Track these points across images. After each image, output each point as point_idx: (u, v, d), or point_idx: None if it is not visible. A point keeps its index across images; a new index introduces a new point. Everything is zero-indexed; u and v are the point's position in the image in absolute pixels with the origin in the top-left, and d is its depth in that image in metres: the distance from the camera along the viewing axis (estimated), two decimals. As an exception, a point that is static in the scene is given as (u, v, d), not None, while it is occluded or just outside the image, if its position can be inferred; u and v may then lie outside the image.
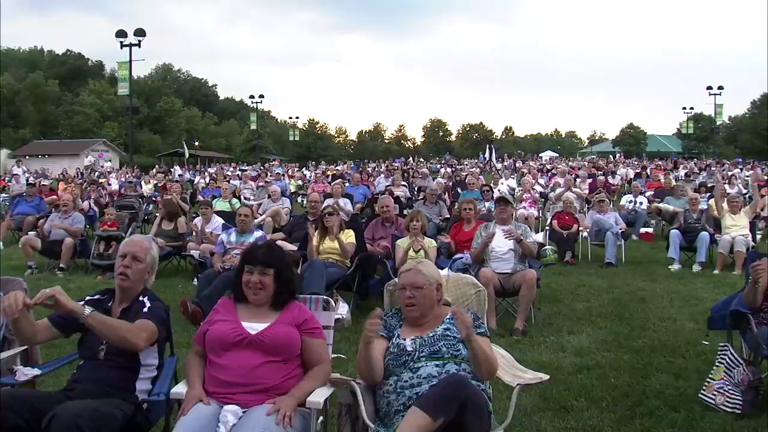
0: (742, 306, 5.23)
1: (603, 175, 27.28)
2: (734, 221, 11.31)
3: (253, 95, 69.05)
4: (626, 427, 4.72)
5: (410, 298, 3.80)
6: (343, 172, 33.81)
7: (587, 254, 12.59)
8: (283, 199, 15.86)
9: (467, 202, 9.23)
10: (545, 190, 20.01)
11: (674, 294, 9.26)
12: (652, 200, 17.17)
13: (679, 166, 39.29)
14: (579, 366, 6.06)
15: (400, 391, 3.56)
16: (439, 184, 18.84)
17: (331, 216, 8.45)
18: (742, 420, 4.74)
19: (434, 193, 13.99)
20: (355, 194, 17.11)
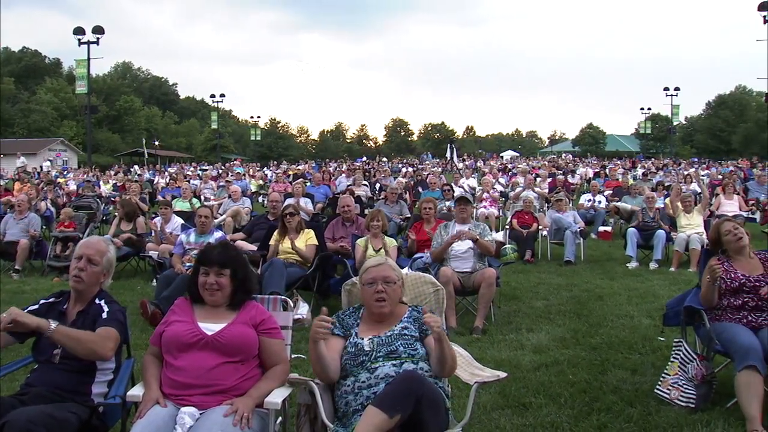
0: (696, 302, 5.33)
1: (563, 174, 27.54)
2: (689, 220, 11.52)
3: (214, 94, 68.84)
4: (584, 422, 4.76)
5: (381, 293, 3.79)
6: (305, 172, 33.69)
7: (547, 253, 12.69)
8: (243, 199, 15.77)
9: (427, 202, 9.26)
10: (506, 190, 20.14)
11: (631, 291, 9.39)
12: (610, 199, 17.38)
13: (637, 166, 39.83)
14: (538, 363, 6.11)
15: (358, 391, 3.56)
16: (400, 184, 18.87)
17: (292, 216, 8.42)
18: (695, 414, 4.83)
19: (395, 192, 14.01)
20: (316, 194, 17.04)
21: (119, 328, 3.74)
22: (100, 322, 3.69)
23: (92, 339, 3.58)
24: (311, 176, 23.86)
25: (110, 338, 3.65)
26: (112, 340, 3.65)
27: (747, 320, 5.05)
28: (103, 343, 3.60)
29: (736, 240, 5.30)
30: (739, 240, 5.29)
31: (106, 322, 3.70)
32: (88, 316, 3.75)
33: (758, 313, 5.07)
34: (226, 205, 15.11)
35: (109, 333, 3.66)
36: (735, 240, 5.30)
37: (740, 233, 5.33)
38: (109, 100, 77.42)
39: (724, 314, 5.17)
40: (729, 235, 5.33)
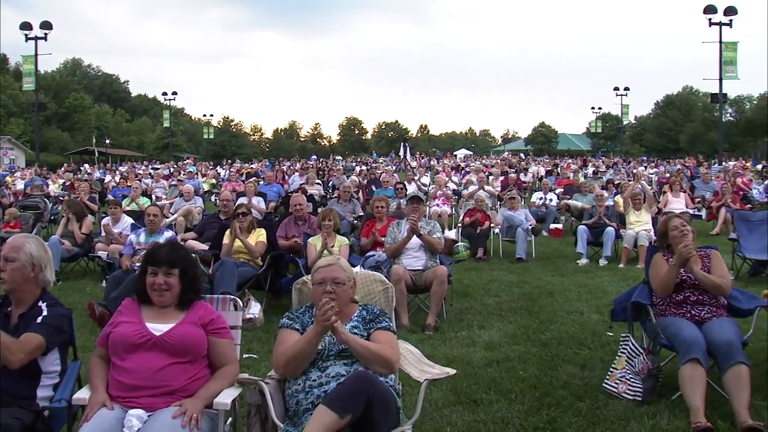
0: (643, 298, 5.44)
1: (515, 172, 27.80)
2: (637, 217, 11.76)
3: (166, 92, 67.58)
4: (534, 417, 4.81)
5: (330, 293, 3.77)
6: (258, 171, 33.48)
7: (499, 250, 12.81)
8: (195, 198, 15.63)
9: (379, 200, 9.26)
10: (459, 188, 20.26)
11: (581, 287, 9.52)
12: (561, 197, 17.59)
13: (589, 164, 40.37)
14: (489, 360, 6.16)
15: (309, 390, 3.54)
16: (353, 182, 18.87)
17: (244, 216, 8.36)
18: (642, 407, 4.91)
19: (348, 191, 14.01)
20: (268, 193, 16.95)
21: (54, 332, 3.64)
22: (32, 327, 3.58)
23: (7, 345, 3.44)
24: (264, 175, 23.72)
25: (28, 344, 3.51)
26: (29, 347, 3.51)
27: (690, 315, 5.17)
28: (17, 349, 3.46)
29: (681, 236, 5.40)
30: (684, 236, 5.40)
31: (35, 327, 3.58)
32: (28, 319, 3.65)
33: (700, 307, 5.19)
34: (177, 205, 14.97)
35: (30, 340, 3.52)
36: (680, 236, 5.40)
37: (686, 231, 5.44)
38: (58, 97, 75.85)
39: (668, 309, 5.29)
40: (675, 230, 5.44)
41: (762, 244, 10.19)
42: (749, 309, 5.37)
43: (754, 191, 20.80)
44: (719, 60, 40.63)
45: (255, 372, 5.33)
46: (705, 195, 18.29)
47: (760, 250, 10.14)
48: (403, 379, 4.18)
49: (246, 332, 6.92)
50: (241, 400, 3.82)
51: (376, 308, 4.00)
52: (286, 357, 3.65)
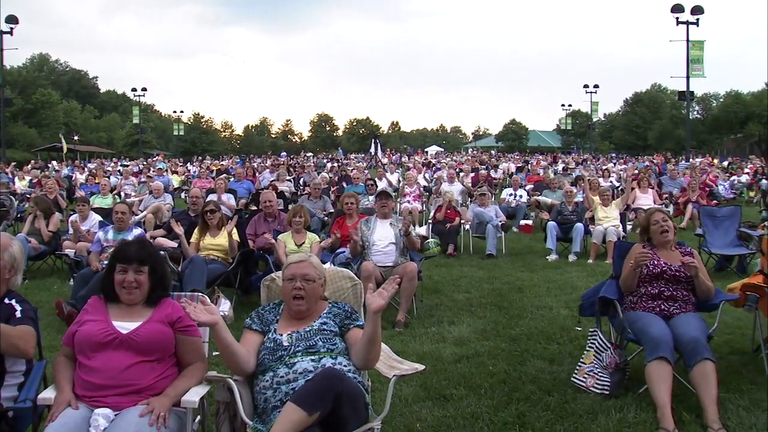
0: (610, 293, 5.48)
1: (486, 169, 27.92)
2: (606, 213, 11.88)
3: (135, 88, 66.87)
4: (503, 412, 4.83)
5: (299, 290, 3.77)
6: (228, 167, 33.28)
7: (469, 246, 12.86)
8: (165, 195, 15.45)
9: (349, 197, 9.24)
10: (429, 185, 20.30)
11: (551, 283, 9.60)
12: (531, 193, 17.70)
13: (558, 160, 40.69)
14: (459, 355, 6.18)
15: (277, 386, 3.53)
16: (324, 179, 18.83)
17: (213, 213, 8.31)
18: (609, 400, 4.96)
19: (318, 187, 13.98)
20: (239, 189, 16.83)
21: (35, 326, 3.63)
22: (14, 321, 3.54)
23: (16, 334, 3.46)
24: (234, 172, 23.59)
25: (32, 336, 3.55)
26: (33, 338, 3.56)
27: (660, 309, 5.22)
28: (26, 339, 3.50)
29: (661, 232, 5.47)
30: (664, 233, 5.47)
31: (21, 321, 3.57)
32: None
33: (671, 302, 5.25)
34: (146, 202, 14.81)
35: (30, 331, 3.55)
36: (659, 232, 5.48)
37: (667, 227, 5.51)
38: (25, 93, 74.60)
39: (638, 303, 5.33)
40: (656, 225, 5.51)
41: (727, 239, 10.35)
42: (714, 303, 5.44)
43: (719, 187, 21.11)
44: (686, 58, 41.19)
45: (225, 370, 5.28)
46: (672, 191, 18.52)
47: (725, 246, 10.29)
48: (373, 376, 4.20)
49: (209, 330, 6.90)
50: (209, 398, 3.80)
51: (347, 305, 4.00)
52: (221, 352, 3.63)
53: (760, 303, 5.72)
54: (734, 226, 10.55)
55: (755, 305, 5.78)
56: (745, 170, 29.61)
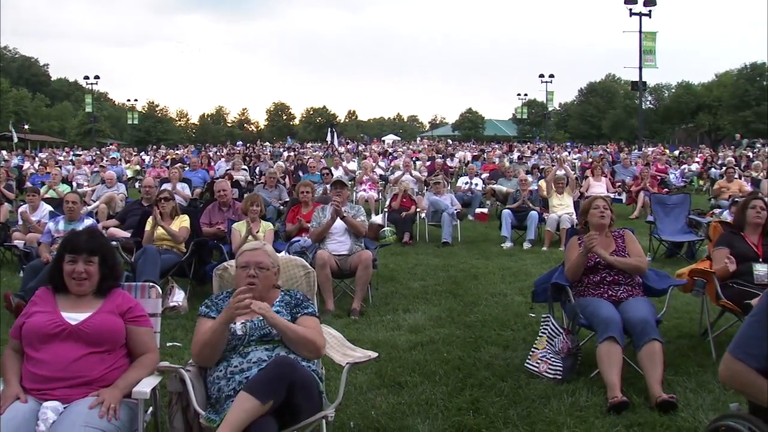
0: (562, 279, 5.56)
1: (442, 158, 28.01)
2: (560, 201, 12.00)
3: (88, 76, 65.41)
4: (457, 398, 4.87)
5: (253, 277, 3.75)
6: (183, 156, 32.91)
7: (425, 234, 12.87)
8: (118, 185, 15.23)
9: (304, 186, 9.22)
10: (386, 173, 20.31)
11: (505, 270, 9.67)
12: (487, 182, 17.81)
13: (514, 149, 40.99)
14: (413, 342, 6.20)
15: (230, 376, 3.51)
16: (280, 168, 18.72)
17: (166, 201, 8.21)
18: (562, 385, 5.03)
19: (273, 176, 13.90)
20: (193, 179, 16.69)
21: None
22: None
23: None
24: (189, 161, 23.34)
25: None
26: None
27: (608, 294, 5.32)
28: None
29: (598, 217, 5.55)
30: (601, 218, 5.55)
31: None
32: None
33: (617, 287, 5.35)
34: (99, 192, 14.59)
35: None
36: (597, 217, 5.55)
37: (605, 214, 5.58)
38: (-28, 81, 72.90)
39: (587, 290, 5.42)
40: (596, 210, 5.58)
41: (677, 226, 10.54)
42: (663, 288, 5.55)
43: (671, 176, 21.47)
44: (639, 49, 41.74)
45: (179, 360, 5.25)
46: (625, 179, 18.79)
47: (675, 233, 10.48)
48: (327, 364, 4.20)
49: (170, 320, 6.85)
50: (162, 389, 3.75)
51: (299, 293, 4.00)
52: (199, 345, 3.62)
53: (708, 288, 5.85)
54: (684, 213, 10.74)
55: (702, 290, 5.91)
56: (695, 159, 30.16)
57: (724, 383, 3.05)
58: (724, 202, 13.48)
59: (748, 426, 2.71)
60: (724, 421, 2.87)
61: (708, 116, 66.92)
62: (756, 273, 5.63)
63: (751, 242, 5.88)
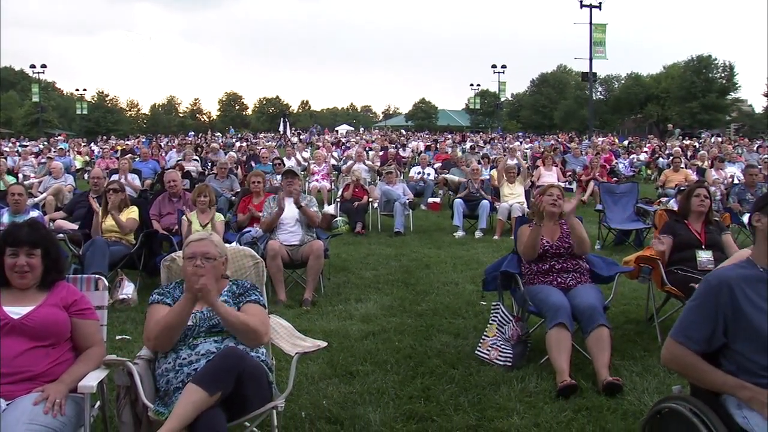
0: (512, 267, 5.63)
1: (395, 148, 28.05)
2: (511, 190, 12.13)
3: (34, 64, 63.91)
4: (408, 386, 4.89)
5: (200, 268, 3.70)
6: (133, 147, 32.42)
7: (377, 224, 12.88)
8: (66, 176, 14.94)
9: (255, 176, 9.16)
10: (338, 163, 20.27)
11: (457, 259, 9.73)
12: (439, 171, 17.89)
13: (466, 139, 41.23)
14: (365, 332, 6.21)
15: (179, 368, 3.49)
16: (231, 158, 18.56)
17: (115, 192, 8.07)
18: (512, 372, 5.09)
19: (225, 167, 13.78)
20: (144, 169, 16.46)
21: None
22: None
23: None
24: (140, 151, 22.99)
25: None
26: None
27: (557, 282, 5.40)
28: None
29: (550, 204, 5.60)
30: (552, 206, 5.60)
31: None
32: None
33: (565, 274, 5.44)
34: (46, 183, 14.30)
35: None
36: (549, 204, 5.61)
37: (557, 202, 5.64)
38: None
39: (536, 278, 5.50)
40: (549, 197, 5.65)
41: (625, 214, 10.73)
42: (610, 275, 5.65)
43: (620, 165, 21.80)
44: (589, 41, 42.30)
45: (128, 354, 5.17)
46: (575, 169, 19.01)
47: (623, 221, 10.66)
48: (278, 354, 4.18)
49: (119, 313, 6.76)
50: (110, 382, 3.70)
51: (247, 282, 3.99)
52: (158, 328, 3.58)
53: (653, 274, 5.96)
54: (632, 202, 10.94)
55: (649, 277, 6.02)
56: (643, 149, 30.68)
57: (666, 366, 3.13)
58: (671, 190, 13.75)
59: (689, 407, 2.78)
60: (666, 404, 2.95)
61: (656, 107, 68.12)
62: (699, 259, 5.79)
63: (694, 230, 6.02)
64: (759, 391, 2.68)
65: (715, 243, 5.95)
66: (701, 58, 64.84)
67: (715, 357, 2.90)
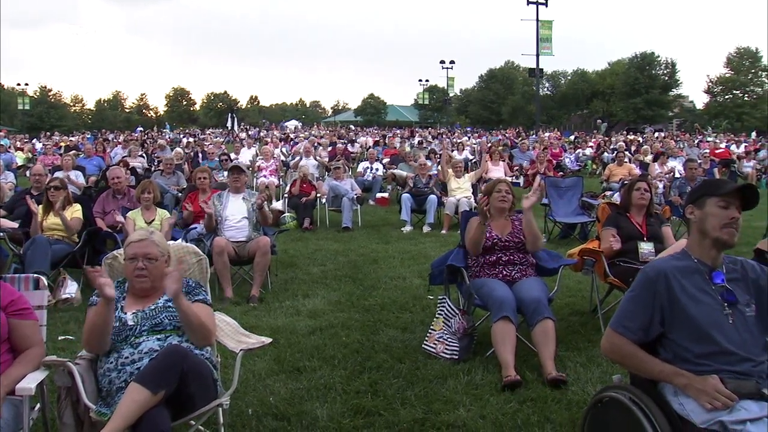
0: (458, 261, 5.67)
1: (344, 143, 28.02)
2: (458, 184, 12.20)
3: (-29, 59, 62.38)
4: (356, 381, 4.90)
5: (142, 270, 3.66)
6: (77, 143, 31.79)
7: (325, 220, 12.85)
8: (6, 173, 14.63)
9: (201, 172, 9.06)
10: (287, 159, 20.17)
11: (405, 254, 9.76)
12: (387, 167, 17.92)
13: (415, 134, 41.37)
14: (313, 328, 6.20)
15: (121, 368, 3.43)
16: (178, 154, 18.34)
17: (57, 190, 7.91)
18: (458, 365, 5.14)
19: (170, 163, 13.61)
20: (88, 166, 16.17)
21: None
22: None
23: None
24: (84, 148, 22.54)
25: None
26: None
27: (503, 275, 5.46)
28: None
29: (499, 201, 5.68)
30: (501, 201, 5.67)
31: None
32: None
33: (511, 267, 5.50)
34: (-15, 182, 13.94)
35: None
36: (498, 200, 5.67)
37: (506, 198, 5.72)
38: None
39: (482, 270, 5.54)
40: (498, 194, 5.71)
41: (570, 208, 10.90)
42: (555, 268, 5.73)
43: (566, 160, 22.12)
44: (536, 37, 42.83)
45: (71, 354, 5.07)
46: (522, 163, 19.25)
47: (568, 214, 10.83)
48: (224, 352, 4.14)
49: (62, 313, 6.64)
50: (51, 384, 3.63)
51: (191, 280, 3.94)
52: (86, 333, 3.53)
53: (597, 267, 6.07)
54: (577, 195, 11.11)
55: (592, 269, 6.15)
56: (589, 144, 31.14)
57: (605, 355, 3.19)
58: (615, 184, 13.99)
59: (628, 396, 2.85)
60: (607, 393, 3.02)
61: (602, 103, 69.37)
62: (641, 251, 5.91)
63: (636, 222, 6.15)
64: (694, 378, 2.76)
65: (656, 235, 6.10)
66: (644, 56, 66.16)
67: (653, 346, 2.98)
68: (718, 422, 2.63)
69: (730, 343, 2.81)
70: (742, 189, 2.97)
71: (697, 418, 2.70)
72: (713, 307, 2.89)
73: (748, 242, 8.47)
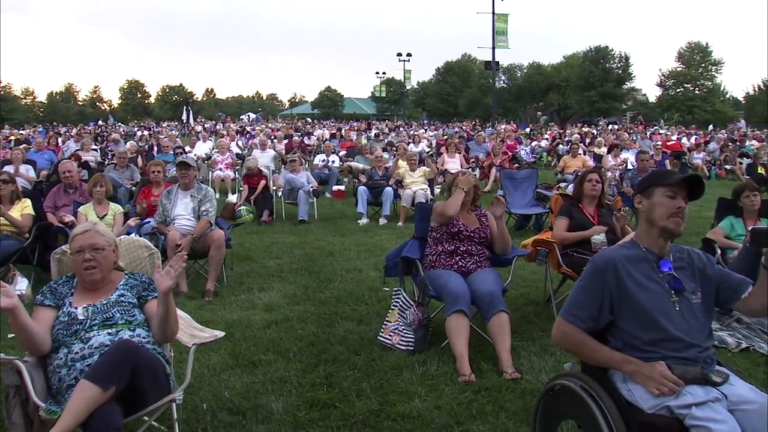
0: (412, 253, 5.70)
1: (300, 136, 27.92)
2: (413, 177, 12.23)
3: None
4: (311, 374, 4.90)
5: (90, 261, 3.61)
6: (28, 137, 31.16)
7: (281, 213, 12.79)
8: (-48, 168, 14.27)
9: (155, 165, 8.94)
10: (243, 152, 20.03)
11: (361, 246, 9.78)
12: (344, 159, 17.90)
13: (372, 127, 41.39)
14: (268, 321, 6.18)
15: (71, 363, 3.37)
16: (133, 147, 18.10)
17: (5, 183, 7.75)
18: (414, 356, 5.17)
19: (124, 156, 13.42)
20: (39, 160, 15.85)
21: None
22: None
23: None
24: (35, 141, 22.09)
25: None
26: None
27: (458, 266, 5.50)
28: None
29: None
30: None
31: None
32: None
33: (468, 258, 5.55)
34: (-71, 177, 13.58)
35: None
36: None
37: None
38: None
39: (438, 261, 5.57)
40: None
41: (525, 200, 11.01)
42: (509, 259, 5.79)
43: (521, 152, 22.31)
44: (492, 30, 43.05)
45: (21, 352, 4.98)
46: (478, 155, 19.37)
47: (523, 206, 10.94)
48: (177, 346, 4.10)
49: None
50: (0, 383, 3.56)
51: (144, 276, 3.89)
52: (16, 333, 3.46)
53: (550, 257, 6.15)
54: (532, 187, 11.24)
55: (545, 259, 6.22)
56: (544, 136, 31.47)
57: (556, 344, 3.24)
58: (570, 176, 14.18)
59: (579, 383, 2.89)
60: (558, 381, 3.06)
61: (557, 96, 69.99)
62: (593, 241, 6.00)
63: (588, 213, 6.25)
64: (642, 364, 2.82)
65: (608, 225, 6.19)
66: (599, 49, 66.93)
67: (603, 334, 3.03)
68: (665, 407, 2.70)
69: (677, 329, 2.88)
70: (689, 179, 3.03)
71: (645, 403, 2.76)
72: (660, 295, 2.95)
73: (697, 232, 8.72)
